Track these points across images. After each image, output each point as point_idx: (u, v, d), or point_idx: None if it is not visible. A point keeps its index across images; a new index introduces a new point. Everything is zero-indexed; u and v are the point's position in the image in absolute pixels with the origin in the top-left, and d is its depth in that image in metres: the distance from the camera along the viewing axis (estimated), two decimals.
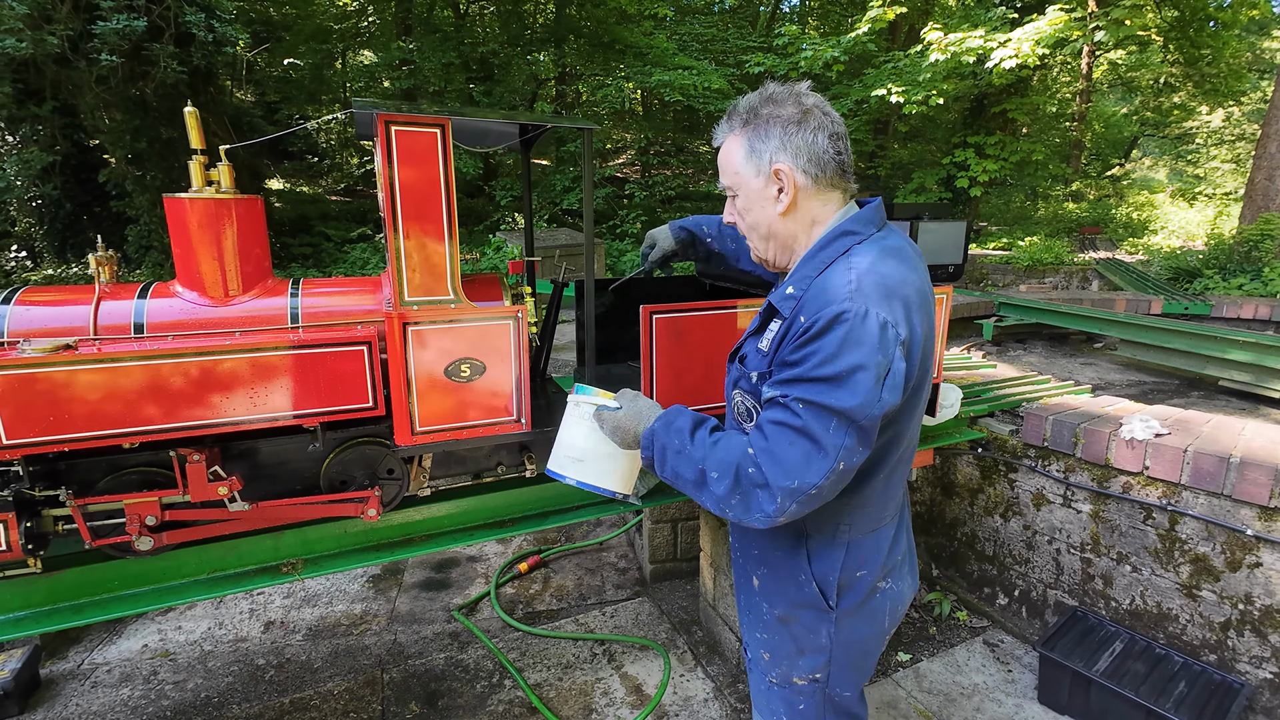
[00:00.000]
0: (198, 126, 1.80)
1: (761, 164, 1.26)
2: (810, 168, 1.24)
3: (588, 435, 1.43)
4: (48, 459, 1.70)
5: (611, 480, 1.45)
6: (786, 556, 1.39)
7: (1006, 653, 3.08)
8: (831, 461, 1.13)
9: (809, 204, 1.28)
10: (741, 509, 1.20)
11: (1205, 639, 2.63)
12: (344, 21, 15.51)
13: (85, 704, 2.83)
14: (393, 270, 1.79)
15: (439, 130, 1.75)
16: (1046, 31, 9.11)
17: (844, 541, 1.35)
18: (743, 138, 1.28)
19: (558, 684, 2.90)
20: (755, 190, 1.29)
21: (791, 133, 1.23)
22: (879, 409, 1.13)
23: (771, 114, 1.25)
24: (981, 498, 3.43)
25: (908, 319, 1.17)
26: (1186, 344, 4.92)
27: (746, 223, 1.35)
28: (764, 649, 1.48)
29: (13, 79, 8.68)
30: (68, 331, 1.68)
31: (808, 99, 1.26)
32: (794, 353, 1.18)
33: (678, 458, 1.26)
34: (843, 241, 1.25)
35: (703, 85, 12.04)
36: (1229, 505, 2.51)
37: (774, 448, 1.16)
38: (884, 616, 1.43)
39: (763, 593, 1.45)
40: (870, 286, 1.15)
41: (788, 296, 1.26)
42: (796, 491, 1.14)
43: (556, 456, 1.48)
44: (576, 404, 1.47)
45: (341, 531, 2.14)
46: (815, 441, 1.13)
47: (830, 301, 1.15)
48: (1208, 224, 14.72)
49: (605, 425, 1.40)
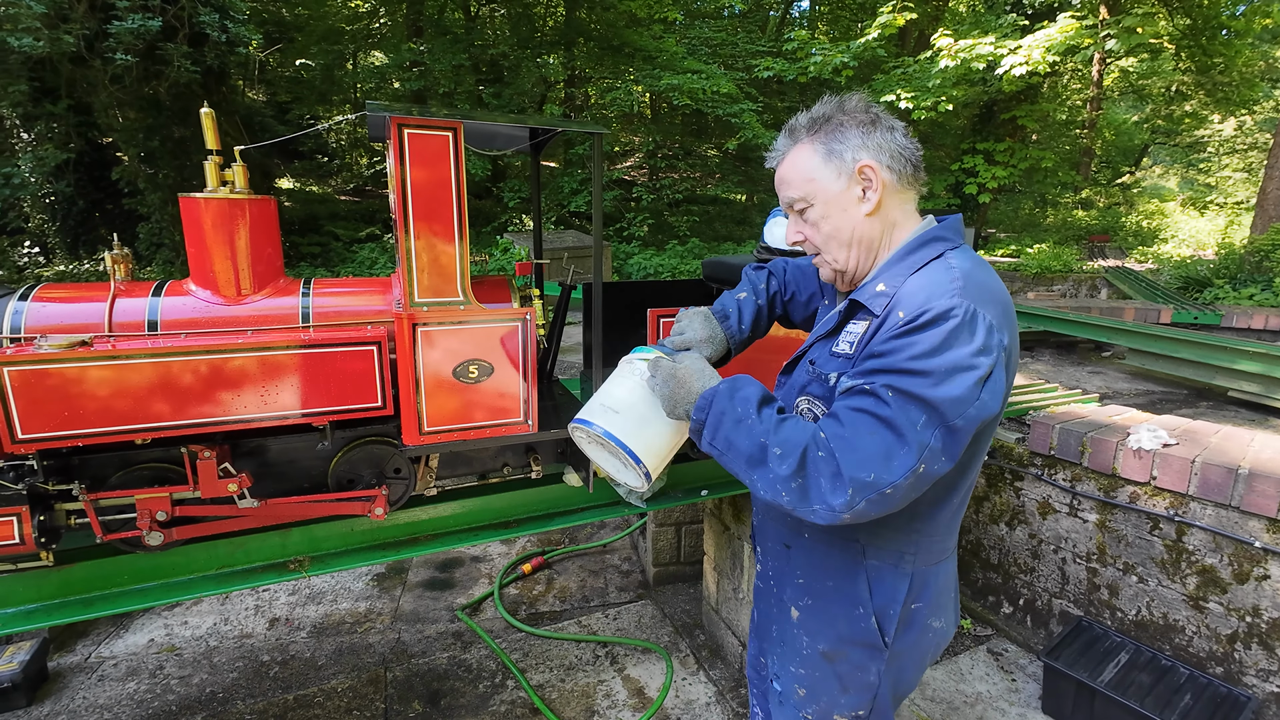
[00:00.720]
0: (213, 127, 1.82)
1: (844, 164, 1.20)
2: (894, 164, 1.20)
3: (632, 389, 1.31)
4: (61, 454, 1.72)
5: (638, 442, 1.27)
6: (840, 586, 1.28)
7: (1010, 662, 3.06)
8: (914, 459, 1.02)
9: (891, 203, 1.23)
10: (799, 496, 1.08)
11: (1212, 651, 2.61)
12: (356, 23, 15.62)
13: (92, 697, 2.85)
14: (403, 271, 1.81)
15: (451, 134, 1.76)
16: (1057, 39, 9.10)
17: (908, 572, 1.24)
18: (814, 144, 1.23)
19: (560, 685, 2.90)
20: (836, 194, 1.22)
21: (869, 131, 1.20)
22: (975, 410, 1.04)
23: (844, 119, 1.21)
24: (987, 505, 3.41)
25: (1007, 328, 1.11)
26: (1195, 354, 4.89)
27: (824, 232, 1.26)
28: (800, 684, 1.36)
29: (29, 77, 8.78)
30: (83, 328, 1.71)
31: (874, 107, 1.24)
32: (888, 343, 1.09)
33: (737, 427, 1.14)
34: (935, 246, 1.19)
35: (711, 89, 12.06)
36: (1237, 517, 2.50)
37: (851, 434, 1.05)
38: (930, 656, 1.35)
39: (804, 625, 1.34)
40: (975, 288, 1.09)
41: (878, 294, 1.17)
42: (871, 486, 1.03)
43: (590, 406, 1.33)
44: (630, 361, 1.35)
45: (348, 530, 2.15)
46: (899, 434, 1.03)
47: (937, 295, 1.07)
48: (1218, 233, 14.63)
49: (659, 374, 1.27)
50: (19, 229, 11.10)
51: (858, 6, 18.03)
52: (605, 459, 1.37)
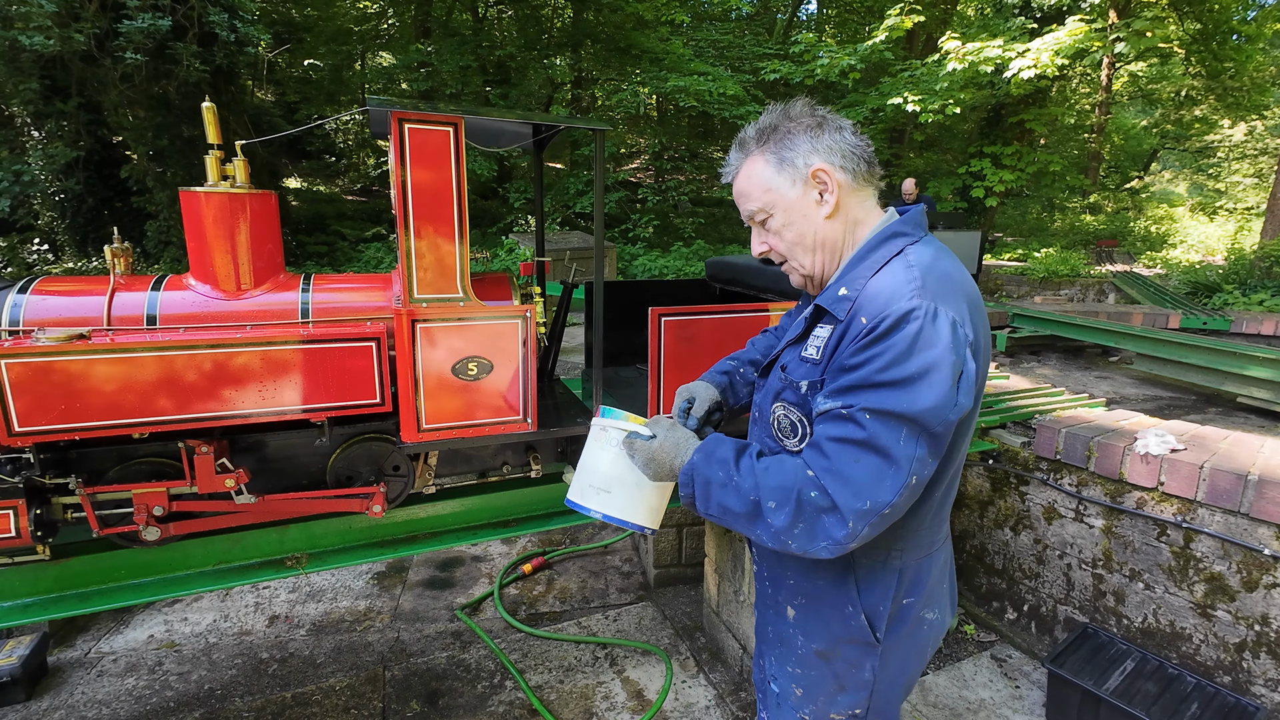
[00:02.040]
0: (215, 122, 1.82)
1: (797, 170, 1.21)
2: (847, 163, 1.20)
3: (614, 463, 1.30)
4: (58, 447, 1.72)
5: (639, 514, 1.31)
6: (830, 586, 1.28)
7: (1014, 668, 3.03)
8: (905, 475, 1.04)
9: (850, 202, 1.23)
10: (806, 539, 1.08)
11: (1219, 660, 2.57)
12: (364, 23, 15.70)
13: (91, 692, 2.85)
14: (403, 267, 1.80)
15: (452, 129, 1.75)
16: (1066, 42, 9.05)
17: (896, 568, 1.24)
18: (765, 154, 1.23)
19: (559, 686, 2.88)
20: (793, 201, 1.22)
21: (817, 135, 1.20)
22: (954, 413, 1.05)
23: (789, 126, 1.22)
24: (992, 510, 3.38)
25: (972, 320, 1.11)
26: (1204, 359, 4.84)
27: (787, 240, 1.26)
28: (796, 684, 1.36)
29: (40, 75, 8.86)
30: (82, 321, 1.70)
31: (820, 109, 1.23)
32: (855, 355, 1.08)
33: (724, 491, 1.15)
34: (895, 242, 1.18)
35: (718, 91, 12.05)
36: (1246, 524, 2.46)
37: (838, 466, 1.05)
38: (927, 649, 1.35)
39: (799, 625, 1.34)
40: (935, 284, 1.08)
41: (841, 298, 1.17)
42: (869, 513, 1.04)
43: (578, 485, 1.35)
44: (603, 428, 1.33)
45: (346, 527, 2.15)
46: (885, 454, 1.03)
47: (896, 298, 1.06)
48: (1228, 239, 14.52)
49: (637, 456, 1.28)
50: (29, 226, 11.18)
51: (865, 9, 18.00)
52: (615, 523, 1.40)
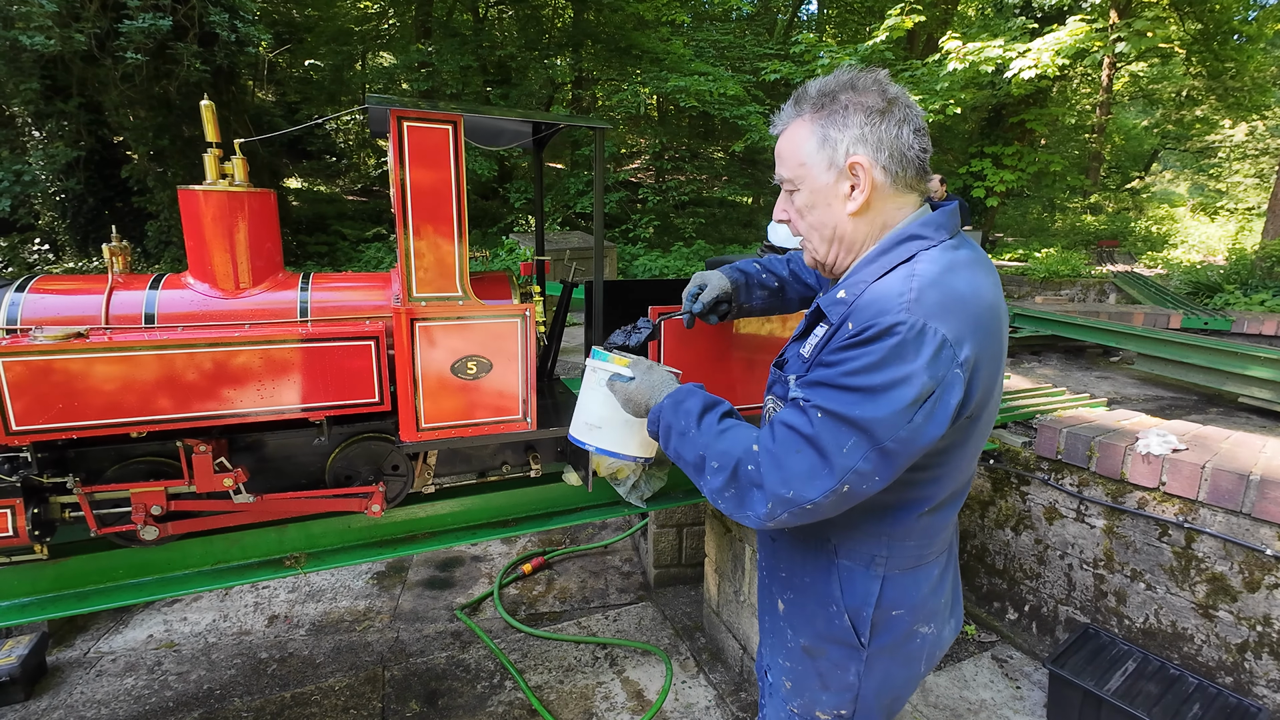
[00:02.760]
0: (213, 120, 1.81)
1: (836, 155, 1.11)
2: (891, 164, 1.10)
3: (603, 402, 1.40)
4: (56, 446, 1.71)
5: (629, 446, 1.42)
6: (815, 582, 1.28)
7: (1015, 669, 3.02)
8: (834, 482, 1.03)
9: (883, 205, 1.14)
10: (735, 504, 1.13)
11: (1221, 661, 2.56)
12: (365, 24, 15.71)
13: (90, 692, 2.84)
14: (402, 266, 1.80)
15: (451, 127, 1.75)
16: (1067, 42, 9.04)
17: (879, 575, 1.22)
18: (814, 124, 1.13)
19: (558, 686, 2.88)
20: (823, 186, 1.15)
21: (875, 122, 1.09)
22: (907, 433, 1.01)
23: (852, 100, 1.10)
24: (992, 510, 3.37)
25: (971, 343, 1.03)
26: (1206, 359, 4.83)
27: (807, 221, 1.20)
28: (786, 677, 1.38)
29: (41, 75, 8.87)
30: (80, 320, 1.70)
31: (891, 88, 1.12)
32: (831, 354, 1.07)
33: (681, 439, 1.19)
34: (908, 246, 1.11)
35: (718, 91, 12.05)
36: (1248, 524, 2.45)
37: (779, 451, 1.07)
38: (920, 662, 1.31)
39: (788, 619, 1.35)
40: (933, 299, 1.02)
41: (837, 301, 1.13)
42: (790, 502, 1.06)
43: (576, 421, 1.47)
44: (594, 369, 1.43)
45: (345, 526, 2.14)
46: (823, 456, 1.03)
47: (885, 311, 1.02)
48: (1229, 239, 14.52)
49: (617, 394, 1.36)
50: (29, 226, 11.19)
51: (866, 10, 18.00)
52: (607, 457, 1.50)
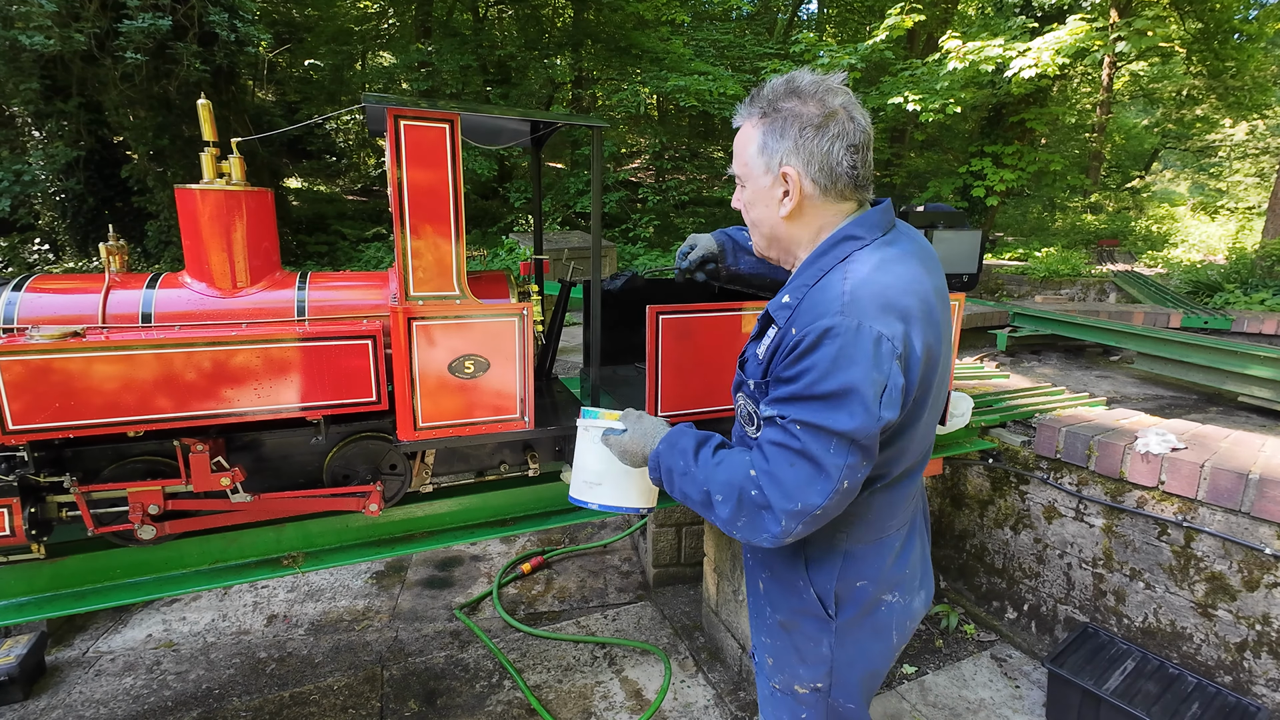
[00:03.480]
0: (210, 119, 1.81)
1: (772, 163, 1.20)
2: (820, 177, 1.18)
3: (599, 458, 1.44)
4: (53, 445, 1.71)
5: (631, 498, 1.46)
6: (786, 563, 1.38)
7: (1014, 668, 3.02)
8: (834, 482, 1.11)
9: (816, 211, 1.23)
10: (749, 530, 1.18)
11: (1220, 660, 2.56)
12: (365, 23, 15.71)
13: (88, 691, 2.84)
14: (399, 265, 1.79)
15: (448, 125, 1.75)
16: (1067, 41, 9.03)
17: (842, 550, 1.31)
18: (759, 128, 1.22)
19: (557, 686, 2.88)
20: (762, 187, 1.25)
21: (808, 136, 1.16)
22: (877, 425, 1.11)
23: (792, 110, 1.17)
24: (992, 509, 3.37)
25: (906, 333, 1.13)
26: (1205, 358, 4.83)
27: (750, 216, 1.32)
28: (768, 653, 1.47)
29: (40, 75, 8.86)
30: (77, 319, 1.70)
31: (834, 99, 1.17)
32: (787, 369, 1.15)
33: (684, 479, 1.26)
34: (843, 248, 1.20)
35: (718, 91, 12.04)
36: (1247, 523, 2.45)
37: (775, 469, 1.14)
38: (891, 632, 1.39)
39: (767, 597, 1.44)
40: (866, 298, 1.11)
41: (783, 305, 1.22)
42: (800, 514, 1.13)
43: (576, 482, 1.50)
44: (585, 428, 1.47)
45: (343, 526, 2.14)
46: (815, 463, 1.11)
47: (822, 315, 1.11)
48: (1230, 238, 14.51)
49: (613, 448, 1.40)
50: (29, 226, 11.19)
51: (866, 9, 17.99)
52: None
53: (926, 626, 3.31)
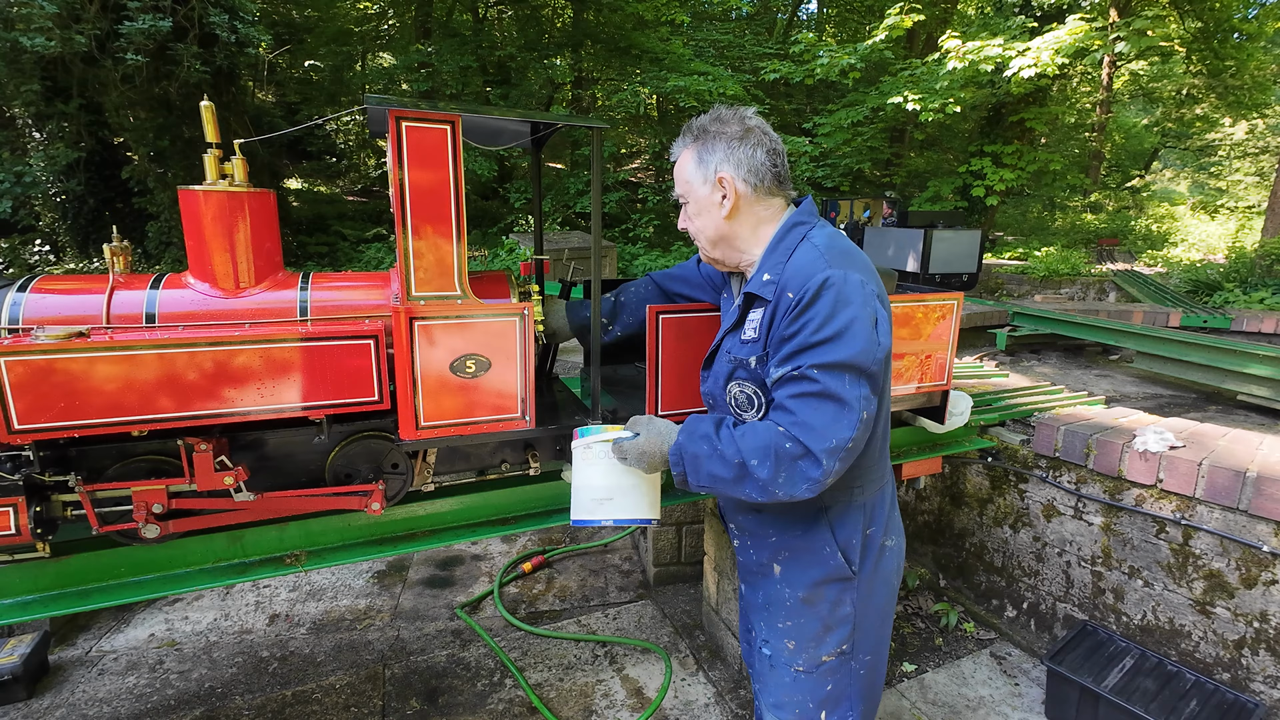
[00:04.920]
0: (213, 120, 1.82)
1: (708, 173, 1.43)
2: (750, 178, 1.41)
3: (607, 472, 1.45)
4: (58, 445, 1.72)
5: (643, 509, 1.46)
6: (807, 533, 1.46)
7: (1013, 666, 3.03)
8: (856, 413, 1.24)
9: (751, 208, 1.45)
10: (789, 484, 1.26)
11: (1219, 657, 2.57)
12: (364, 24, 15.72)
13: (91, 690, 2.86)
14: (401, 265, 1.80)
15: (449, 126, 1.75)
16: (1066, 41, 9.04)
17: (860, 503, 1.45)
18: (693, 151, 1.45)
19: (558, 684, 2.89)
20: (703, 197, 1.45)
21: (734, 147, 1.41)
22: (880, 352, 1.29)
23: (718, 131, 1.42)
24: (991, 508, 3.38)
25: (873, 279, 1.36)
26: (1205, 357, 4.84)
27: (695, 226, 1.50)
28: (788, 638, 1.51)
29: (41, 76, 8.88)
30: (81, 320, 1.71)
31: (750, 120, 1.44)
32: (791, 324, 1.30)
33: (711, 460, 1.32)
34: (798, 230, 1.42)
35: (718, 91, 12.05)
36: (1245, 520, 2.46)
37: (803, 417, 1.25)
38: (892, 575, 1.54)
39: (785, 579, 1.51)
40: (838, 255, 1.34)
41: (766, 283, 1.39)
42: (836, 450, 1.23)
43: (579, 503, 1.48)
44: (586, 446, 1.47)
45: (345, 525, 2.15)
46: (838, 399, 1.24)
47: (813, 272, 1.29)
48: (1229, 237, 14.51)
49: (629, 455, 1.43)
50: (30, 227, 11.20)
51: (865, 9, 18.00)
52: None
53: (927, 625, 3.32)
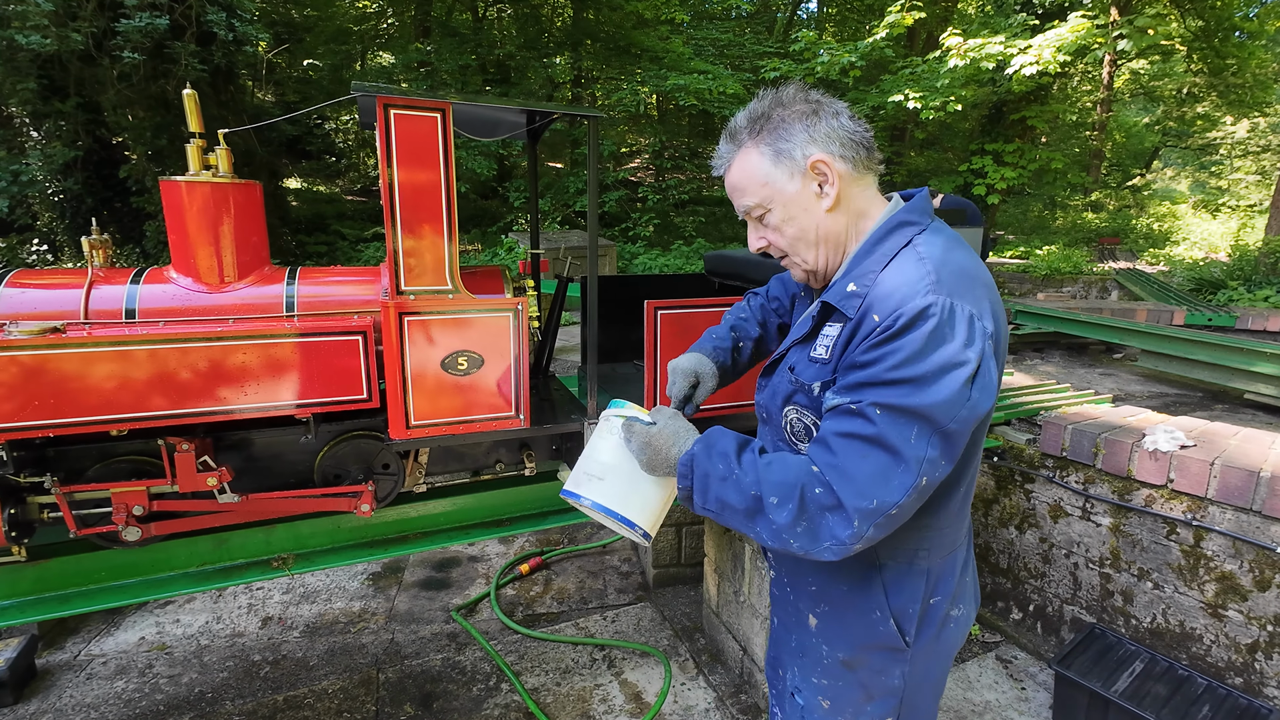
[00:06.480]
0: (196, 110, 1.77)
1: (794, 163, 1.14)
2: (847, 151, 1.14)
3: (614, 450, 1.25)
4: (34, 445, 1.67)
5: (630, 507, 1.23)
6: (854, 591, 1.23)
7: (1020, 670, 2.97)
8: (914, 476, 0.99)
9: (852, 192, 1.17)
10: (808, 539, 1.03)
11: (1231, 661, 2.51)
12: (364, 23, 15.68)
13: (79, 695, 2.80)
14: (390, 258, 1.75)
15: (439, 115, 1.70)
16: (1068, 39, 8.98)
17: (923, 569, 1.20)
18: (760, 145, 1.17)
19: (555, 689, 2.83)
20: (793, 194, 1.16)
21: (813, 123, 1.13)
22: (968, 411, 1.00)
23: (784, 114, 1.15)
24: (996, 508, 3.32)
25: (992, 313, 1.05)
26: (1211, 355, 4.78)
27: (788, 236, 1.20)
28: (823, 696, 1.31)
29: (38, 75, 8.82)
30: (58, 315, 1.65)
31: (813, 93, 1.18)
32: (868, 352, 1.03)
33: (723, 485, 1.10)
34: (903, 232, 1.13)
35: (718, 90, 12.00)
36: (1258, 521, 2.40)
37: (844, 462, 1.01)
38: (954, 648, 1.31)
39: (822, 634, 1.29)
40: (950, 277, 1.03)
41: (849, 294, 1.11)
42: (875, 513, 0.99)
43: (576, 473, 1.30)
44: (606, 418, 1.30)
45: (334, 527, 2.09)
46: (893, 452, 0.99)
47: (911, 295, 1.01)
48: (1231, 236, 14.46)
49: (634, 440, 1.21)
50: (27, 226, 11.15)
51: (865, 7, 17.95)
52: (606, 519, 1.28)
53: None
